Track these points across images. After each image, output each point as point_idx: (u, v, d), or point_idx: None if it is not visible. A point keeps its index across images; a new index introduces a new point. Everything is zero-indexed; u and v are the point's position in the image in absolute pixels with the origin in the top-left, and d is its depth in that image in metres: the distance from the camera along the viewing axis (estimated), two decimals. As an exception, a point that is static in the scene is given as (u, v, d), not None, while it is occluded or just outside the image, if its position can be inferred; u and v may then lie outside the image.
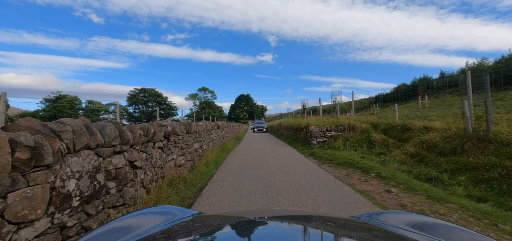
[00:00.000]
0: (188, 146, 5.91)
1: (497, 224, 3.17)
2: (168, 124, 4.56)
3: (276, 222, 1.04)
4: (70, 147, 2.06)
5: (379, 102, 30.79)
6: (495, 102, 14.52)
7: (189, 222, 0.97)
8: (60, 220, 1.94)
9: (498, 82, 18.92)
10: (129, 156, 3.03)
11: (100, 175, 2.44)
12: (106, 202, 2.54)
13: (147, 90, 53.21)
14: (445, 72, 34.66)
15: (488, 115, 5.85)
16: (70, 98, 43.98)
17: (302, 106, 24.71)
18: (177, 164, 4.93)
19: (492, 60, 30.33)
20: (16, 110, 41.65)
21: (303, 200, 3.98)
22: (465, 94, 6.71)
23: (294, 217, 1.13)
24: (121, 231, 0.97)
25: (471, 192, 4.47)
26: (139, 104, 52.92)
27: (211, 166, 6.47)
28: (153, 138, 3.82)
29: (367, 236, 0.86)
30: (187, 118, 49.94)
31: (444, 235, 0.95)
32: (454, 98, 20.79)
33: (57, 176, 1.91)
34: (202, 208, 3.55)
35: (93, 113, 46.71)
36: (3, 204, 1.51)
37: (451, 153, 6.02)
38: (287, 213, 1.27)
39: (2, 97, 4.67)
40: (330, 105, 16.90)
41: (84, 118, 2.44)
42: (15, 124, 1.83)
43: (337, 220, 1.07)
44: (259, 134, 23.77)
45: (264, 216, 1.17)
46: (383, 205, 3.91)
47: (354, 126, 10.83)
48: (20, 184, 1.62)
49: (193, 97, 67.51)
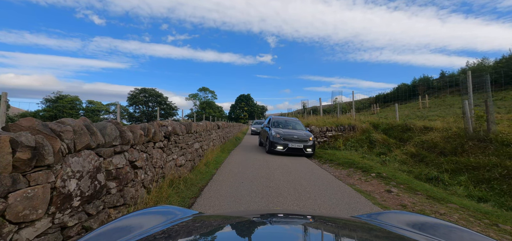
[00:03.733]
0: (189, 146, 5.92)
1: (497, 224, 3.16)
2: (168, 124, 4.57)
3: (276, 222, 1.04)
4: (70, 147, 2.07)
5: (380, 102, 30.78)
6: (496, 102, 14.50)
7: (190, 222, 0.97)
8: (61, 220, 1.94)
9: (498, 82, 18.91)
10: (130, 156, 3.03)
11: (101, 175, 2.44)
12: (106, 202, 2.54)
13: (147, 90, 53.25)
14: (446, 72, 34.66)
15: (489, 115, 5.84)
16: (70, 98, 44.05)
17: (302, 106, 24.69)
18: (178, 164, 4.93)
19: (492, 60, 30.35)
20: (16, 110, 41.71)
21: (303, 200, 3.98)
22: (465, 94, 6.70)
23: (294, 217, 1.13)
24: (122, 230, 0.97)
25: (472, 192, 4.46)
26: (140, 104, 52.96)
27: (212, 166, 6.48)
28: (154, 138, 3.82)
29: (367, 236, 0.86)
30: (187, 118, 49.99)
31: (444, 235, 0.95)
32: (455, 98, 20.77)
33: (58, 176, 1.91)
34: (203, 208, 3.55)
35: (93, 113, 46.78)
36: (4, 204, 1.52)
37: (452, 153, 6.01)
38: (287, 213, 1.28)
39: (3, 97, 4.68)
40: (331, 105, 16.90)
41: (84, 118, 2.44)
42: (16, 124, 1.83)
43: (337, 220, 1.07)
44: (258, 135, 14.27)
45: (264, 216, 1.17)
46: (383, 205, 3.91)
47: (354, 126, 10.83)
48: (21, 184, 1.62)
49: (193, 97, 67.60)
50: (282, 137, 8.93)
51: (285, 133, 9.15)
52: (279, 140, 8.89)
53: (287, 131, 9.52)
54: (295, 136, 8.96)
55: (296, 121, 11.14)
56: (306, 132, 9.65)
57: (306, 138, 8.93)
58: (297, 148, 8.81)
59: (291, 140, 8.80)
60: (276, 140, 8.94)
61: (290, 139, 8.84)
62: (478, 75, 7.41)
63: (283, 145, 8.77)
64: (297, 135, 9.14)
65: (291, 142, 8.85)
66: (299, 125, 10.74)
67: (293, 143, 8.76)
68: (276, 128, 9.80)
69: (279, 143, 8.84)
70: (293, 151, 8.73)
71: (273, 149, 8.91)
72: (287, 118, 11.38)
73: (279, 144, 8.83)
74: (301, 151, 8.75)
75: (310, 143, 8.87)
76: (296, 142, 8.79)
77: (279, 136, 8.98)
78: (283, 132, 9.27)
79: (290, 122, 10.92)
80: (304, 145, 8.76)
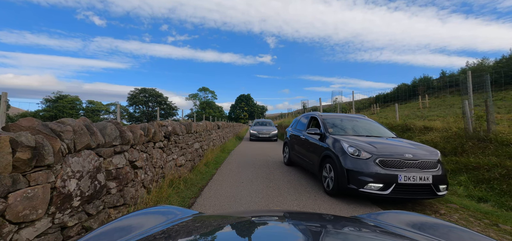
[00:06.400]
0: (189, 146, 5.92)
1: (497, 224, 3.16)
2: (168, 124, 4.57)
3: (276, 222, 1.04)
4: (70, 147, 2.07)
5: (380, 102, 30.78)
6: (496, 102, 14.51)
7: (189, 222, 0.97)
8: (61, 220, 1.94)
9: (498, 82, 18.92)
10: (130, 156, 3.03)
11: (101, 175, 2.44)
12: (106, 202, 2.54)
13: (147, 90, 53.27)
14: (446, 72, 34.66)
15: (489, 115, 5.84)
16: (70, 98, 44.07)
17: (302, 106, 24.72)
18: (178, 164, 4.93)
19: (492, 60, 30.36)
20: (16, 110, 41.73)
21: (303, 199, 3.98)
22: (465, 94, 6.70)
23: (294, 217, 1.14)
24: (122, 230, 0.97)
25: (472, 192, 4.46)
26: (140, 104, 52.98)
27: (212, 166, 6.48)
28: (154, 138, 3.82)
29: (367, 235, 0.86)
30: (187, 118, 50.01)
31: (444, 235, 0.95)
32: (455, 98, 20.78)
33: (58, 176, 1.91)
34: (203, 208, 3.56)
35: (93, 113, 46.79)
36: (4, 204, 1.52)
37: (452, 153, 6.02)
38: (287, 213, 1.28)
39: (3, 97, 4.68)
40: (331, 105, 16.91)
41: (84, 118, 2.44)
42: (16, 124, 1.83)
43: (337, 220, 1.07)
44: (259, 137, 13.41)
45: (264, 216, 1.17)
46: (383, 206, 3.91)
47: (354, 126, 10.69)
48: (21, 184, 1.63)
49: (193, 97, 67.63)
50: (376, 157, 3.74)
51: (383, 149, 3.88)
52: (368, 166, 3.71)
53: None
54: (407, 154, 3.76)
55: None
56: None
57: (429, 160, 3.75)
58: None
59: (400, 165, 3.66)
60: (361, 165, 3.76)
61: (399, 163, 3.67)
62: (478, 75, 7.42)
63: (385, 179, 3.59)
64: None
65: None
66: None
67: (410, 172, 3.59)
68: (344, 137, 4.51)
69: (370, 175, 3.65)
70: (408, 193, 3.60)
71: (355, 187, 3.74)
72: (342, 115, 6.04)
73: (370, 176, 3.64)
74: (426, 193, 3.64)
75: (439, 171, 3.71)
76: (415, 170, 3.62)
77: (368, 156, 3.78)
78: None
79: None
80: (433, 178, 3.59)
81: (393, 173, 3.53)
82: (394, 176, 3.52)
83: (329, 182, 4.18)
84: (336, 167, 4.02)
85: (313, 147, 5.00)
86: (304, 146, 5.60)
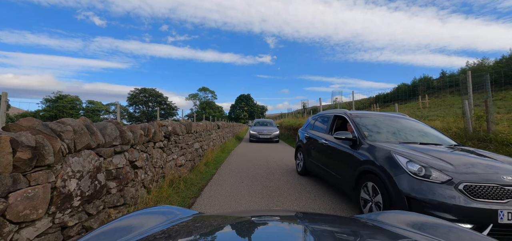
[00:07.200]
0: (189, 146, 5.92)
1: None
2: (168, 124, 4.57)
3: (276, 222, 1.04)
4: (71, 147, 2.07)
5: (380, 102, 30.79)
6: (496, 102, 14.51)
7: (189, 222, 0.97)
8: (61, 220, 1.94)
9: (498, 82, 18.92)
10: (130, 156, 3.04)
11: (101, 175, 2.44)
12: (107, 202, 2.54)
13: (147, 90, 53.30)
14: (446, 72, 34.69)
15: (489, 115, 5.84)
16: (70, 98, 44.10)
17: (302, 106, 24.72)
18: (178, 164, 4.93)
19: (492, 60, 30.37)
20: (16, 110, 41.76)
21: (303, 199, 3.98)
22: (465, 94, 6.71)
23: (294, 217, 1.14)
24: (122, 230, 0.97)
25: (472, 192, 4.46)
26: (140, 104, 53.00)
27: (212, 166, 6.48)
28: (154, 138, 3.82)
29: (367, 236, 0.87)
30: (187, 118, 50.02)
31: (444, 235, 0.95)
32: (455, 98, 20.78)
33: (58, 176, 1.91)
34: (203, 208, 3.56)
35: (93, 113, 46.82)
36: (5, 204, 1.52)
37: (452, 153, 6.02)
38: (287, 213, 1.28)
39: (3, 97, 4.68)
40: (331, 105, 16.91)
41: (84, 118, 2.45)
42: (16, 124, 1.83)
43: (337, 220, 1.08)
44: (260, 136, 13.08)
45: (264, 216, 1.17)
46: (383, 205, 3.91)
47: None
48: (21, 184, 1.63)
49: (193, 97, 67.66)
50: (459, 182, 2.35)
51: (463, 167, 2.54)
52: (445, 195, 2.33)
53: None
54: (506, 176, 2.37)
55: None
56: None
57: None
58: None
59: (500, 195, 2.27)
60: (434, 192, 2.38)
61: (497, 191, 2.29)
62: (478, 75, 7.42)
63: (476, 217, 2.22)
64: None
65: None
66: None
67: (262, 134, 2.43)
68: (393, 145, 3.18)
69: (449, 209, 2.27)
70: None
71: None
72: (377, 113, 4.72)
73: (450, 211, 2.27)
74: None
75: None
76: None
77: (445, 179, 2.42)
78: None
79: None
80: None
81: (489, 208, 2.21)
82: (492, 212, 2.20)
83: (373, 209, 2.93)
84: (386, 189, 2.72)
85: (342, 157, 3.82)
86: (326, 154, 4.44)
